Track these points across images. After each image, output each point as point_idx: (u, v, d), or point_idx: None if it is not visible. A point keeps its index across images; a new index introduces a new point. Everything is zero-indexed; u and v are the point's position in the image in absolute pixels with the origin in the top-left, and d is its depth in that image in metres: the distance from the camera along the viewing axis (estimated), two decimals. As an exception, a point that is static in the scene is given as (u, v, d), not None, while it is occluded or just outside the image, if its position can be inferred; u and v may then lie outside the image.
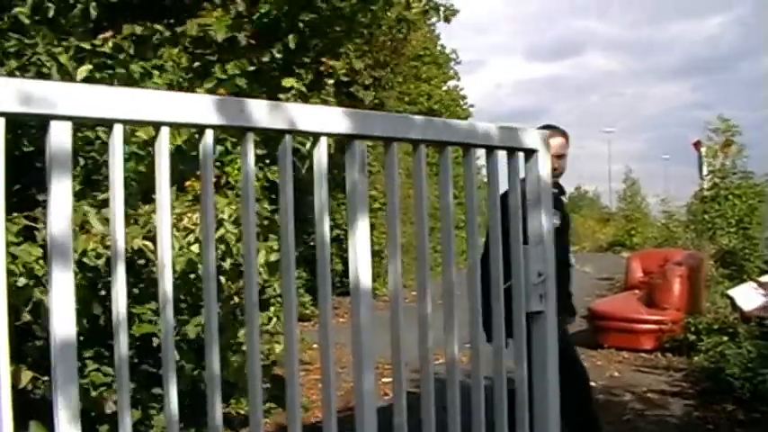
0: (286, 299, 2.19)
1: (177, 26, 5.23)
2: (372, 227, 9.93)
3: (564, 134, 3.82)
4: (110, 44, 4.55)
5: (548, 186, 2.77)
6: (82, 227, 3.96)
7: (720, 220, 8.54)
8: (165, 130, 1.96)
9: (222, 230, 4.40)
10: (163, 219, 2.00)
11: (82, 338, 3.88)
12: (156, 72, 4.68)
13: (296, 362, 2.24)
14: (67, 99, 1.78)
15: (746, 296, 7.36)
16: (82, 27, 4.81)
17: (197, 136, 2.15)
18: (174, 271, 4.08)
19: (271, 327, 5.16)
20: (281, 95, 5.09)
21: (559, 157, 3.50)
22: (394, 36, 7.78)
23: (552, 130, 3.30)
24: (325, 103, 5.26)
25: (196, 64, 5.20)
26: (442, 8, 8.57)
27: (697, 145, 8.58)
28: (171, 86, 4.78)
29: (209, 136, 2.02)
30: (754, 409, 5.59)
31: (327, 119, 2.20)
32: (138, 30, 4.78)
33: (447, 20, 9.45)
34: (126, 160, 4.28)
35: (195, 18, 5.20)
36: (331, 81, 5.19)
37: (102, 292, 4.10)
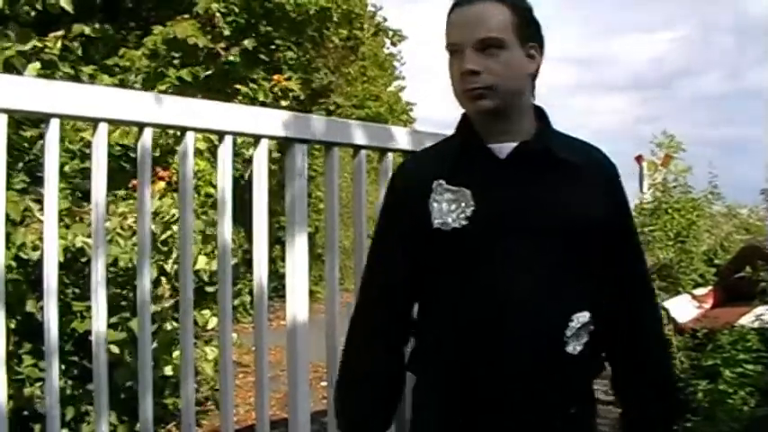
0: (221, 301, 2.19)
1: (140, 30, 5.19)
2: (317, 229, 9.92)
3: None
4: (59, 44, 4.47)
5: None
6: (22, 221, 3.89)
7: (659, 233, 8.72)
8: (103, 127, 1.95)
9: (169, 233, 4.36)
10: (98, 216, 1.99)
11: (18, 332, 3.81)
12: (104, 76, 4.61)
13: (230, 364, 2.24)
14: (2, 91, 1.75)
15: (681, 308, 7.50)
16: (32, 24, 4.72)
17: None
18: (119, 269, 4.05)
19: (211, 328, 5.13)
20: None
21: (486, 49, 1.52)
22: (345, 44, 7.89)
23: None
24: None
25: (152, 62, 5.16)
26: (390, 32, 8.85)
27: (639, 159, 8.73)
28: (119, 85, 4.73)
29: (147, 134, 2.01)
30: (686, 419, 5.71)
31: (269, 121, 2.21)
32: (87, 30, 4.70)
33: (394, 44, 9.84)
34: (71, 158, 4.23)
35: (165, 26, 5.16)
36: (285, 103, 5.20)
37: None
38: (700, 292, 7.70)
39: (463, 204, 1.55)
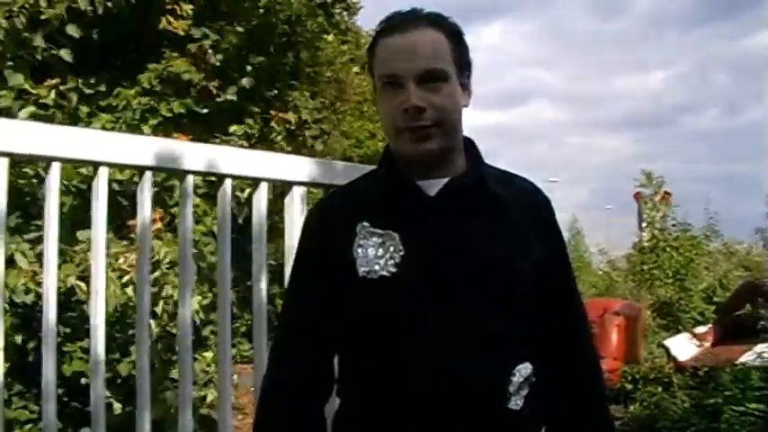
0: (221, 343, 2.17)
1: (135, 68, 5.20)
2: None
3: (440, 24, 1.41)
4: (52, 94, 4.48)
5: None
6: (12, 262, 3.87)
7: (658, 271, 8.74)
8: (103, 171, 1.94)
9: (158, 273, 4.32)
10: (98, 263, 1.97)
11: (9, 374, 3.77)
12: (103, 115, 4.63)
13: (229, 406, 2.21)
14: (5, 135, 1.75)
15: (681, 346, 7.50)
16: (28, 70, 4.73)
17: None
18: (107, 311, 4.01)
19: (211, 370, 5.07)
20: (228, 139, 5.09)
21: (428, 82, 1.35)
22: (338, 77, 7.86)
23: (404, 17, 1.41)
24: (272, 148, 5.25)
25: (146, 99, 5.16)
26: None
27: (637, 196, 8.79)
28: (116, 123, 4.73)
29: (147, 178, 2.00)
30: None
31: (269, 166, 2.20)
32: (81, 84, 4.72)
33: None
34: (65, 194, 4.22)
35: (158, 63, 5.17)
36: (280, 136, 5.19)
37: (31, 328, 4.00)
38: (699, 330, 7.70)
39: (392, 249, 1.36)
